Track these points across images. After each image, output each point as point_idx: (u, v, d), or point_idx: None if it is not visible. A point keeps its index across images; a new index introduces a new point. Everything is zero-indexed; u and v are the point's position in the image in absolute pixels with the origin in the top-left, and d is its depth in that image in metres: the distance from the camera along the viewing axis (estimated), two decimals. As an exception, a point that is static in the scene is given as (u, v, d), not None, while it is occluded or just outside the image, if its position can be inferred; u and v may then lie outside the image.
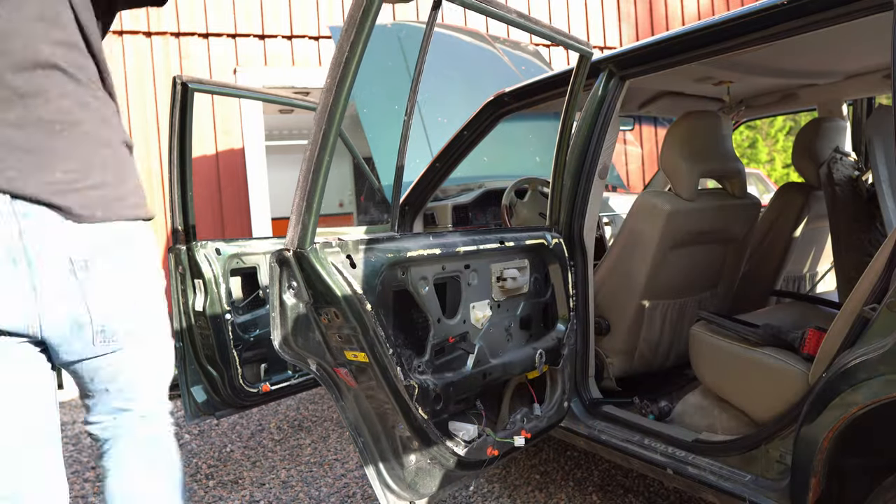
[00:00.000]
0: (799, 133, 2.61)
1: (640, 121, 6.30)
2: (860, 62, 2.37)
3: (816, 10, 1.60)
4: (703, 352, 2.06)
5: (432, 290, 1.52)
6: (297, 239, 1.24)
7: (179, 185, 2.35)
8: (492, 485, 2.70)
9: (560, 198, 2.07)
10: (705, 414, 2.06)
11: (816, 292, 3.05)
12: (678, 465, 1.85)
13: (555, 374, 1.94)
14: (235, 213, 5.17)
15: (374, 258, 1.35)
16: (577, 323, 2.08)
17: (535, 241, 1.86)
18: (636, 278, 2.27)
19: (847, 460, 1.59)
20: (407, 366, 1.40)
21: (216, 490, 2.85)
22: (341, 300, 1.26)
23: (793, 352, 1.81)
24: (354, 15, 1.22)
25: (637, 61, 2.13)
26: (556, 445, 3.07)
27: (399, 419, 1.37)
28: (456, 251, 1.56)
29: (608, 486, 2.65)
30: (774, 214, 2.73)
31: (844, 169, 2.49)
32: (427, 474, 1.47)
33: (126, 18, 4.86)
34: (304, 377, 2.68)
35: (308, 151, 1.23)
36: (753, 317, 2.12)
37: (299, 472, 2.98)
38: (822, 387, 1.46)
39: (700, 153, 2.28)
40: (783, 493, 1.58)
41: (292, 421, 3.73)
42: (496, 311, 1.72)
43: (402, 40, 4.30)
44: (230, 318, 2.42)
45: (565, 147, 2.01)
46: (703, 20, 1.92)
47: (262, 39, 5.24)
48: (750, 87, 2.81)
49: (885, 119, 2.12)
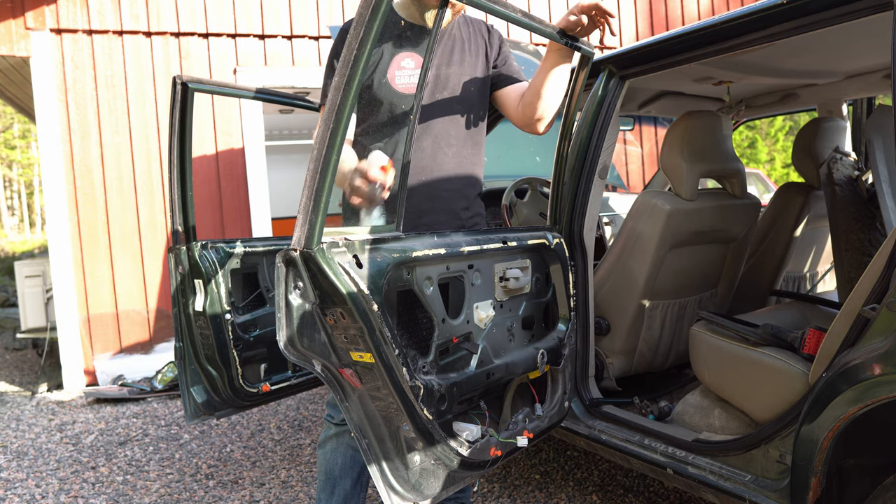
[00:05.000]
0: (799, 133, 2.62)
1: (640, 121, 6.30)
2: (860, 62, 2.38)
3: (816, 10, 1.60)
4: (703, 352, 2.06)
5: (437, 290, 1.52)
6: (303, 239, 1.24)
7: (179, 186, 2.34)
8: (492, 485, 2.71)
9: (561, 197, 2.07)
10: (705, 414, 2.07)
11: (816, 292, 3.05)
12: (678, 465, 1.86)
13: (556, 374, 1.95)
14: (235, 213, 5.17)
15: (380, 258, 1.35)
16: (577, 323, 2.09)
17: (536, 240, 1.86)
18: (636, 278, 2.28)
19: (847, 460, 1.60)
20: (412, 366, 1.40)
21: (216, 490, 2.85)
22: (348, 300, 1.26)
23: (793, 352, 1.81)
24: (363, 13, 1.22)
25: (637, 61, 2.13)
26: (556, 445, 3.07)
27: (404, 420, 1.37)
28: (460, 251, 1.56)
29: (608, 486, 2.65)
30: (774, 214, 2.74)
31: (844, 169, 2.50)
32: (431, 475, 1.47)
33: (126, 18, 4.86)
34: (304, 377, 2.68)
35: (315, 151, 1.22)
36: (753, 317, 2.13)
37: (299, 472, 2.98)
38: (822, 387, 1.47)
39: (700, 153, 2.28)
40: (783, 493, 1.59)
41: (292, 421, 3.73)
42: (499, 311, 1.72)
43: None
44: (230, 318, 2.41)
45: (566, 147, 2.01)
46: (703, 20, 1.93)
47: (262, 39, 5.23)
48: (750, 87, 2.82)
49: (885, 119, 2.12)
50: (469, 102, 1.90)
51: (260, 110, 5.23)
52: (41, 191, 15.74)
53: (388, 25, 1.83)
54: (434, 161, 1.84)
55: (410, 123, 1.39)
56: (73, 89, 4.77)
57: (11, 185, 31.34)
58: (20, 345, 6.41)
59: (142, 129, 4.93)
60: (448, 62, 1.87)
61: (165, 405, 4.24)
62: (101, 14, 4.80)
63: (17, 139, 26.75)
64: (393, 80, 1.80)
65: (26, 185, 30.60)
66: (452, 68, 1.87)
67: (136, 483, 2.97)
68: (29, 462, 3.30)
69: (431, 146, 1.84)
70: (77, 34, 4.78)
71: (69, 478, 3.07)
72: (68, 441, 3.60)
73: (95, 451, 3.42)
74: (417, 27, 1.85)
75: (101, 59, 4.84)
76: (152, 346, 4.99)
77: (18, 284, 5.79)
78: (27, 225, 30.97)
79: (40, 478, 3.09)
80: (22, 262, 5.93)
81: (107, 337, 4.88)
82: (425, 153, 1.83)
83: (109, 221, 4.87)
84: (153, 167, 4.96)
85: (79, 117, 4.79)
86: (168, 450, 3.38)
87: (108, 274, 4.86)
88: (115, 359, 4.89)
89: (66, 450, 3.46)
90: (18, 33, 4.64)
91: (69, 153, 4.77)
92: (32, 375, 5.32)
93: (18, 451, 3.48)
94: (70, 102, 4.76)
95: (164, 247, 4.97)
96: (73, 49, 4.78)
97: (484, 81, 1.93)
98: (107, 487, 2.94)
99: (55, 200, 4.73)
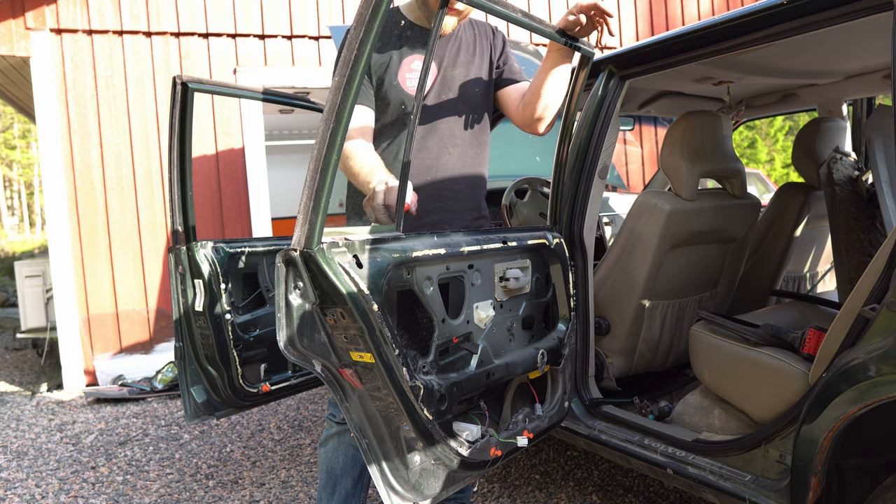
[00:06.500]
0: (799, 133, 2.62)
1: (640, 121, 6.30)
2: (860, 62, 2.38)
3: (816, 10, 1.60)
4: (703, 352, 2.06)
5: (437, 290, 1.52)
6: (304, 239, 1.24)
7: (179, 186, 2.34)
8: (492, 485, 2.71)
9: (561, 197, 2.07)
10: (705, 414, 2.07)
11: (816, 292, 3.05)
12: (678, 465, 1.86)
13: (556, 374, 1.95)
14: (235, 213, 5.17)
15: (380, 258, 1.35)
16: (577, 323, 2.09)
17: (536, 240, 1.86)
18: (636, 278, 2.28)
19: (847, 460, 1.60)
20: (412, 366, 1.40)
21: (216, 490, 2.85)
22: (348, 300, 1.26)
23: (793, 352, 1.81)
24: (364, 13, 1.22)
25: (637, 61, 2.13)
26: (556, 445, 3.07)
27: (404, 420, 1.37)
28: (460, 251, 1.57)
29: (608, 486, 2.65)
30: (774, 214, 2.74)
31: (844, 169, 2.49)
32: (431, 475, 1.47)
33: (126, 18, 4.86)
34: (304, 377, 2.68)
35: (315, 151, 1.22)
36: (753, 317, 2.13)
37: (299, 472, 2.98)
38: (822, 387, 1.47)
39: (700, 153, 2.28)
40: (783, 493, 1.59)
41: (292, 421, 3.73)
42: (499, 311, 1.72)
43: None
44: (230, 318, 2.42)
45: (566, 147, 2.02)
46: (703, 20, 1.92)
47: (262, 39, 5.23)
48: (750, 87, 2.82)
49: (885, 119, 2.12)
50: (474, 103, 1.91)
51: (260, 110, 5.23)
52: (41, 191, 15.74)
53: (395, 28, 1.85)
54: (439, 161, 1.85)
55: (411, 123, 1.39)
56: (73, 89, 4.77)
57: (11, 185, 31.34)
58: (20, 345, 6.41)
59: (142, 129, 4.93)
60: (454, 64, 1.89)
61: (165, 405, 4.24)
62: (101, 14, 4.80)
63: (17, 139, 26.75)
64: (403, 82, 1.83)
65: (26, 185, 30.60)
66: (458, 70, 1.89)
67: (136, 483, 2.97)
68: (29, 462, 3.30)
69: (437, 147, 1.85)
70: (77, 34, 4.78)
71: (69, 478, 3.07)
72: (68, 441, 3.60)
73: (95, 451, 3.42)
74: (426, 30, 1.87)
75: (101, 59, 4.84)
76: (152, 346, 4.99)
77: (18, 284, 5.79)
78: (27, 225, 30.97)
79: (40, 478, 3.09)
80: (22, 262, 5.93)
81: (107, 337, 4.88)
82: (431, 153, 1.85)
83: (109, 221, 4.87)
84: (153, 167, 4.96)
85: (79, 117, 4.79)
86: (168, 450, 3.38)
87: (108, 274, 4.86)
88: (115, 359, 4.89)
89: (66, 450, 3.46)
90: (18, 33, 4.64)
91: (69, 153, 4.77)
92: (32, 375, 5.32)
93: (18, 451, 3.48)
94: (70, 102, 4.76)
95: (164, 247, 4.97)
96: (73, 49, 4.78)
97: (488, 83, 1.95)
98: (107, 487, 2.94)
99: (55, 200, 4.73)
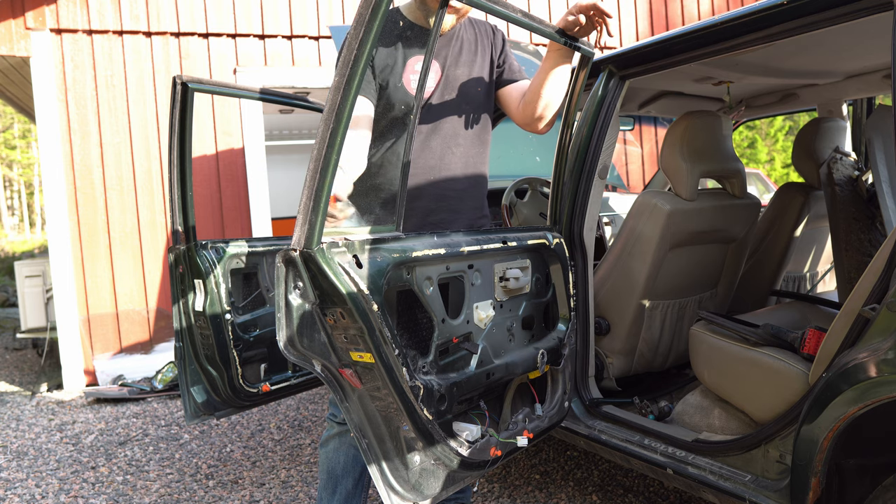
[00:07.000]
0: (799, 133, 2.62)
1: (640, 121, 6.30)
2: (860, 62, 2.38)
3: (816, 10, 1.60)
4: (703, 352, 2.06)
5: (436, 290, 1.52)
6: (303, 239, 1.24)
7: (179, 186, 2.35)
8: (492, 485, 2.71)
9: (561, 197, 2.07)
10: (705, 414, 2.07)
11: (816, 292, 3.05)
12: (678, 465, 1.86)
13: (556, 374, 1.95)
14: (235, 213, 5.17)
15: (380, 258, 1.35)
16: (577, 323, 2.09)
17: (536, 240, 1.86)
18: (636, 278, 2.28)
19: (847, 460, 1.60)
20: (412, 366, 1.40)
21: (216, 490, 2.85)
22: (348, 300, 1.26)
23: (793, 352, 1.81)
24: (364, 13, 1.22)
25: (637, 61, 2.13)
26: (556, 445, 3.07)
27: (404, 420, 1.37)
28: (460, 251, 1.57)
29: (608, 486, 2.65)
30: (774, 214, 2.74)
31: (844, 169, 2.49)
32: (431, 475, 1.47)
33: (126, 18, 4.86)
34: (304, 377, 2.68)
35: (315, 150, 1.22)
36: (753, 317, 2.13)
37: (299, 472, 2.98)
38: (822, 387, 1.47)
39: (700, 153, 2.28)
40: (783, 493, 1.59)
41: (292, 421, 3.73)
42: (499, 311, 1.72)
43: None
44: (230, 318, 2.42)
45: (566, 147, 2.02)
46: (703, 20, 1.92)
47: (262, 39, 5.23)
48: (750, 87, 2.82)
49: (885, 119, 2.12)
50: (476, 103, 1.92)
51: (260, 110, 5.23)
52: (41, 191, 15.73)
53: (396, 29, 1.85)
54: (442, 161, 1.86)
55: (411, 123, 1.39)
56: (73, 89, 4.77)
57: (11, 185, 31.34)
58: (20, 345, 6.41)
59: (142, 129, 4.93)
60: (456, 63, 1.89)
61: (165, 405, 4.24)
62: (101, 14, 4.80)
63: (17, 139, 26.75)
64: (408, 83, 1.83)
65: (26, 185, 30.60)
66: (461, 69, 1.89)
67: (136, 483, 2.97)
68: (29, 462, 3.30)
69: (440, 146, 1.86)
70: (77, 34, 4.78)
71: (69, 478, 3.07)
72: (68, 441, 3.60)
73: (95, 451, 3.42)
74: (425, 30, 1.86)
75: (101, 59, 4.84)
76: (152, 346, 4.99)
77: (18, 284, 5.79)
78: (27, 225, 30.97)
79: (40, 478, 3.09)
80: (22, 262, 5.93)
81: (107, 337, 4.88)
82: (434, 153, 1.85)
83: (109, 221, 4.87)
84: (153, 167, 4.96)
85: (79, 117, 4.79)
86: (168, 450, 3.38)
87: (108, 274, 4.86)
88: (115, 359, 4.89)
89: (66, 450, 3.46)
90: (18, 33, 4.64)
91: (69, 153, 4.77)
92: (32, 375, 5.32)
93: (18, 451, 3.48)
94: (70, 102, 4.76)
95: (164, 247, 4.97)
96: (73, 49, 4.78)
97: (490, 82, 1.96)
98: (107, 487, 2.94)
99: (55, 200, 4.73)
